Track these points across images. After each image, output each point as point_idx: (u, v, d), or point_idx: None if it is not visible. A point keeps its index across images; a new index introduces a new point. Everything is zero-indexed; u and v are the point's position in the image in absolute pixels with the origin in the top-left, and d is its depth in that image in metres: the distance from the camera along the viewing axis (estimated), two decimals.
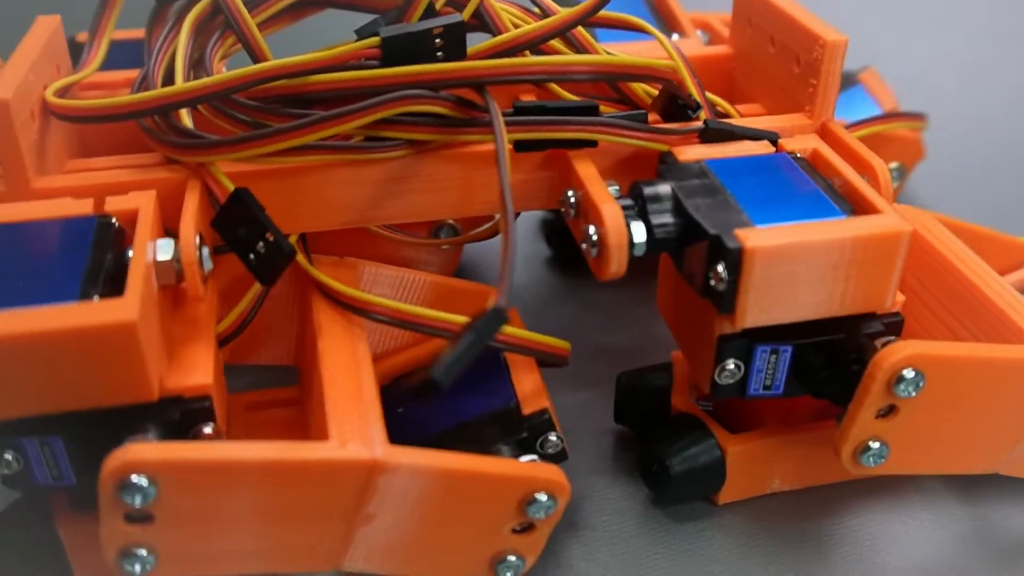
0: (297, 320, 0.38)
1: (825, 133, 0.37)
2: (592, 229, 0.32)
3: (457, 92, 0.34)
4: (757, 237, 0.30)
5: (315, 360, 0.33)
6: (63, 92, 0.35)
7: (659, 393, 0.39)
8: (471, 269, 0.50)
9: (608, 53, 0.38)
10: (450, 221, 0.46)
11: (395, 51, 0.34)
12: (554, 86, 0.37)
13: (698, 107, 0.37)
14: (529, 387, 0.35)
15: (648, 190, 0.33)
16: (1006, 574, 0.36)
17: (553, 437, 0.34)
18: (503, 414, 0.34)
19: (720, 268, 0.31)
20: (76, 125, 0.37)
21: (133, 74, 0.41)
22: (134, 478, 0.27)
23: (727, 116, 0.39)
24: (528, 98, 0.38)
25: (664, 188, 0.33)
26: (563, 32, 0.36)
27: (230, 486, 0.28)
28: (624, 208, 0.32)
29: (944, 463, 0.35)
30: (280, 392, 0.39)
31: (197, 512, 0.29)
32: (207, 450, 0.28)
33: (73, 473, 0.30)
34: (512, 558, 0.33)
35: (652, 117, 0.37)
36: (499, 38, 0.36)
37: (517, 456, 0.34)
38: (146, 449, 0.27)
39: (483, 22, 0.37)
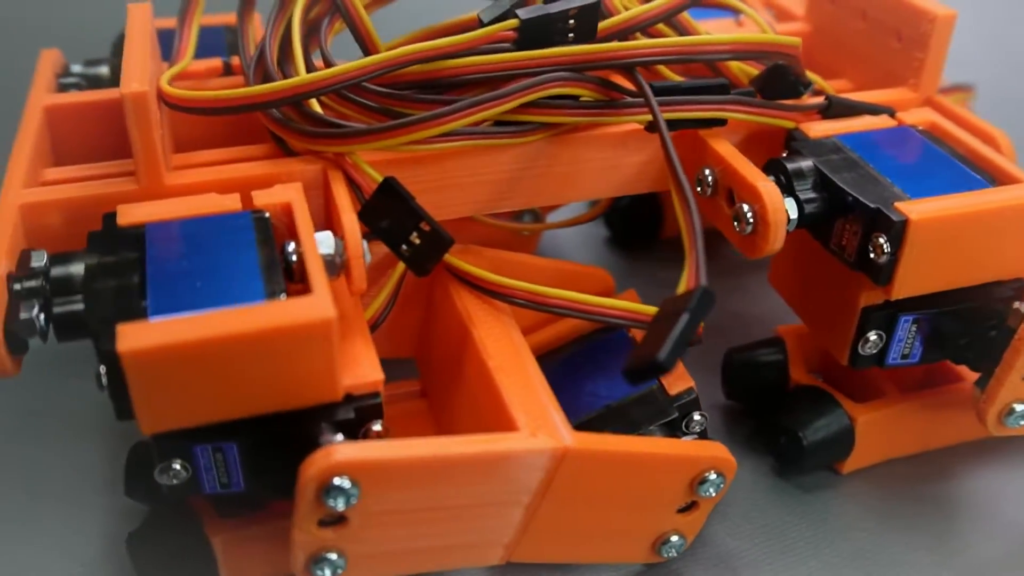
0: (420, 310, 0.37)
1: (934, 106, 0.38)
2: (747, 207, 0.33)
3: (598, 73, 0.34)
4: (920, 209, 0.31)
5: (469, 349, 0.33)
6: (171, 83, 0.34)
7: (775, 367, 0.39)
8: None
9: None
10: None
11: (531, 34, 0.33)
12: (662, 68, 0.37)
13: (810, 84, 0.37)
14: None
15: (792, 166, 0.33)
16: None
17: (697, 416, 0.34)
18: (649, 395, 0.34)
19: (882, 240, 0.31)
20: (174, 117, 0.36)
21: (211, 63, 0.40)
22: (337, 480, 0.26)
23: (822, 92, 0.40)
24: (616, 79, 0.38)
25: (807, 164, 0.34)
26: (674, 14, 0.36)
27: (428, 483, 0.28)
28: None
29: None
30: (401, 386, 0.38)
31: (390, 512, 0.28)
32: (408, 448, 0.27)
33: (243, 480, 0.29)
34: (675, 538, 0.33)
35: None
36: (614, 19, 0.35)
37: (669, 437, 0.34)
38: (351, 449, 0.26)
39: None
